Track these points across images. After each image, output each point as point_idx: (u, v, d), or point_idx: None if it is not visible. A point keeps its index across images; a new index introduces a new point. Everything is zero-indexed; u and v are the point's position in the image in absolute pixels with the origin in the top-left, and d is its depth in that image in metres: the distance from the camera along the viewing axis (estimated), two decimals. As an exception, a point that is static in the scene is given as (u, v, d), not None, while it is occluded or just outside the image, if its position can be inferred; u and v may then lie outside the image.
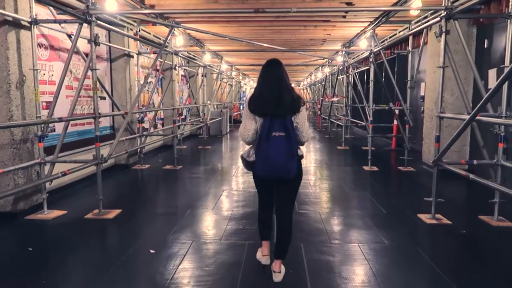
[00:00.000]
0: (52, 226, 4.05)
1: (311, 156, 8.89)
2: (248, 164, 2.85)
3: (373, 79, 7.20)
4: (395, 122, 9.65)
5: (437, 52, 6.63)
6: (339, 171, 7.13)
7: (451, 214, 4.27)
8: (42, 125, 4.29)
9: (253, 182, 3.03)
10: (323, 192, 5.54)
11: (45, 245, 3.59)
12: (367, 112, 9.72)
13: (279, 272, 2.82)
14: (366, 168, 7.06)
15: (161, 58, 7.87)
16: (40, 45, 4.90)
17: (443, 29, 4.04)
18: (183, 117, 11.50)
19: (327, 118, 14.12)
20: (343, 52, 9.68)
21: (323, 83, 15.49)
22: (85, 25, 4.22)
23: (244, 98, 24.44)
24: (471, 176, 3.57)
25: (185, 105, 11.27)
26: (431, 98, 6.82)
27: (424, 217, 4.19)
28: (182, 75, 11.91)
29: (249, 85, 25.32)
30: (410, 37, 7.38)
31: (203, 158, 8.90)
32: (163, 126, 9.90)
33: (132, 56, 7.29)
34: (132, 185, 6.13)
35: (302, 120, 2.72)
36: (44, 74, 4.98)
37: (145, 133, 7.35)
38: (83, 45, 5.56)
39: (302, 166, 2.89)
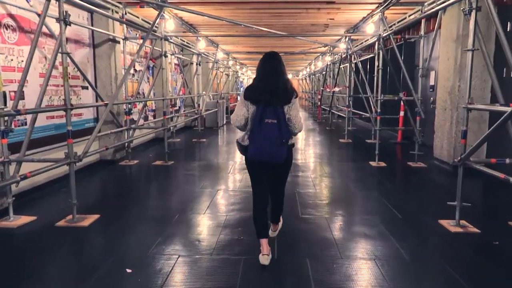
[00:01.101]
0: (17, 235, 3.49)
1: (311, 150, 8.33)
2: (242, 148, 2.93)
3: (382, 67, 6.60)
4: (402, 113, 9.12)
5: (451, 37, 6.04)
6: (343, 167, 6.58)
7: (477, 220, 3.73)
8: (6, 119, 3.70)
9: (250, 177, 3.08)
10: (328, 192, 4.99)
11: (3, 259, 3.02)
12: (371, 103, 9.17)
13: (274, 231, 3.35)
14: (373, 163, 6.51)
15: (150, 44, 7.25)
16: (6, 26, 4.28)
17: (473, 6, 3.44)
18: (177, 108, 10.91)
19: (328, 109, 13.54)
20: (347, 39, 9.05)
21: (324, 72, 14.88)
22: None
23: (241, 89, 23.80)
24: (512, 179, 3.00)
25: (178, 96, 10.64)
26: (445, 87, 6.25)
27: (447, 224, 3.65)
28: (175, 64, 11.28)
29: (247, 75, 24.64)
30: (423, 21, 6.74)
31: (197, 152, 8.33)
32: (154, 118, 9.30)
33: (118, 42, 6.67)
34: (116, 184, 5.55)
35: (294, 112, 2.84)
36: (11, 60, 4.37)
37: (133, 126, 6.75)
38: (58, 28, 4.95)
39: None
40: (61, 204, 4.27)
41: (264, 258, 2.85)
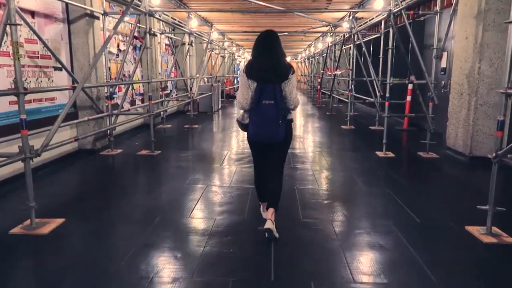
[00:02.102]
0: (-40, 247, 2.89)
1: (311, 138, 7.71)
2: (243, 126, 3.05)
3: (392, 47, 5.93)
4: (409, 98, 8.50)
5: (471, 12, 5.36)
6: (347, 158, 5.97)
7: (510, 226, 3.15)
8: None
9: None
10: (333, 189, 4.39)
11: None
12: (375, 87, 8.52)
13: (271, 220, 2.94)
14: (379, 154, 5.91)
15: (130, 20, 6.55)
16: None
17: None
18: (168, 92, 10.23)
19: (328, 93, 12.88)
20: (351, 17, 8.33)
21: (324, 54, 14.13)
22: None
23: (238, 72, 23.00)
24: None
25: (168, 78, 9.94)
26: (462, 69, 5.60)
27: (476, 232, 3.07)
28: (166, 44, 10.54)
29: (244, 58, 23.80)
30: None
31: (188, 140, 7.71)
32: (143, 102, 8.63)
33: (97, 18, 5.95)
34: (92, 178, 4.92)
35: (290, 88, 2.90)
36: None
37: (115, 111, 6.09)
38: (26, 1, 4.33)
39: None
40: (23, 205, 3.65)
41: (265, 214, 3.12)
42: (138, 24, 7.32)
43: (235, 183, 4.48)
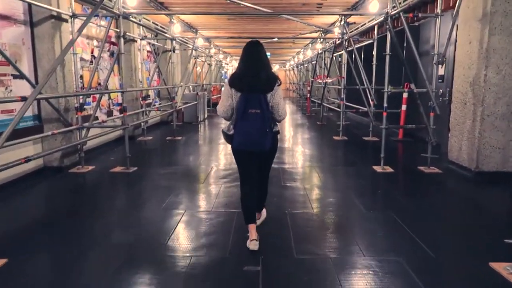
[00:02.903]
0: None
1: (301, 150, 7.19)
2: (228, 137, 2.96)
3: (389, 53, 5.47)
4: (404, 107, 8.06)
5: (475, 15, 4.94)
6: (343, 174, 5.45)
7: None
8: None
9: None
10: (329, 214, 3.83)
11: None
12: (369, 95, 8.08)
13: (258, 218, 3.22)
14: (377, 169, 5.42)
15: (114, 25, 5.99)
16: None
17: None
18: (150, 101, 9.65)
19: (318, 102, 12.43)
20: (342, 22, 7.89)
21: (314, 61, 13.71)
22: None
23: (225, 80, 22.49)
24: None
25: (149, 87, 9.35)
26: (465, 77, 5.16)
27: (503, 271, 2.56)
28: (148, 51, 9.97)
29: (231, 65, 23.33)
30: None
31: (169, 154, 7.11)
32: (121, 113, 8.01)
33: (66, 20, 5.37)
34: (52, 203, 4.24)
35: (277, 99, 2.85)
36: None
37: (85, 124, 5.49)
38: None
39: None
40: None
41: (253, 244, 2.87)
42: (113, 28, 6.75)
43: (217, 206, 3.92)
